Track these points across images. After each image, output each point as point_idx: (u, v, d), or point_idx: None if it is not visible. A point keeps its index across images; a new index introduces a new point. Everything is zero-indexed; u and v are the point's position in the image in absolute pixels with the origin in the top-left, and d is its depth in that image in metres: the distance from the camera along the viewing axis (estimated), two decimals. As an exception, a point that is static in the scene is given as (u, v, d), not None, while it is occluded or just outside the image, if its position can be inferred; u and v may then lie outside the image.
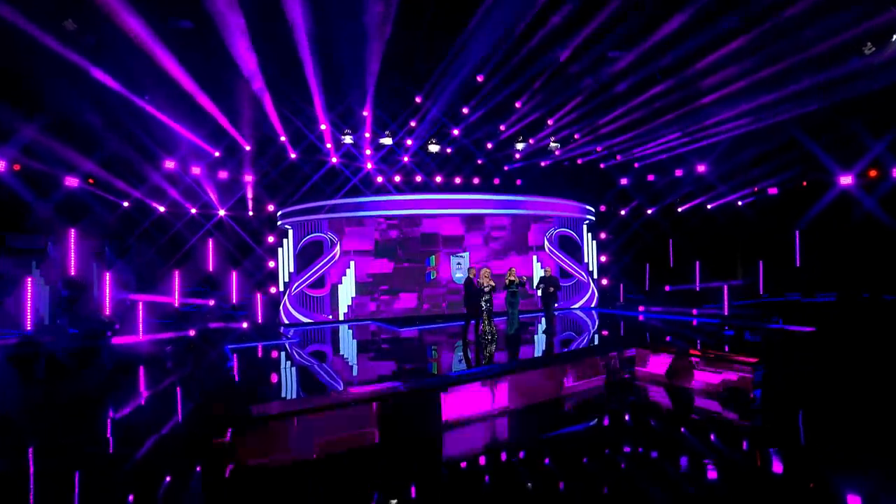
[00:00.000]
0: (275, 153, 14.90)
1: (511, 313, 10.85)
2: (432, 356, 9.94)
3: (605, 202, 17.85)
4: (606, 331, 12.05)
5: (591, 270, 17.22)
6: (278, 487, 5.37)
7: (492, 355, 9.09)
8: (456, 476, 5.79)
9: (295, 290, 14.90)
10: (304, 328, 13.99)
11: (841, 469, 5.59)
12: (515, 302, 10.88)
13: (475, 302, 9.83)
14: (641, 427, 7.24)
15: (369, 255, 15.41)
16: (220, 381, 7.80)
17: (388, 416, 6.68)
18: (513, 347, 9.92)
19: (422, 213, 15.42)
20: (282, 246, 15.12)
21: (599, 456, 6.10)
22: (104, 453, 5.87)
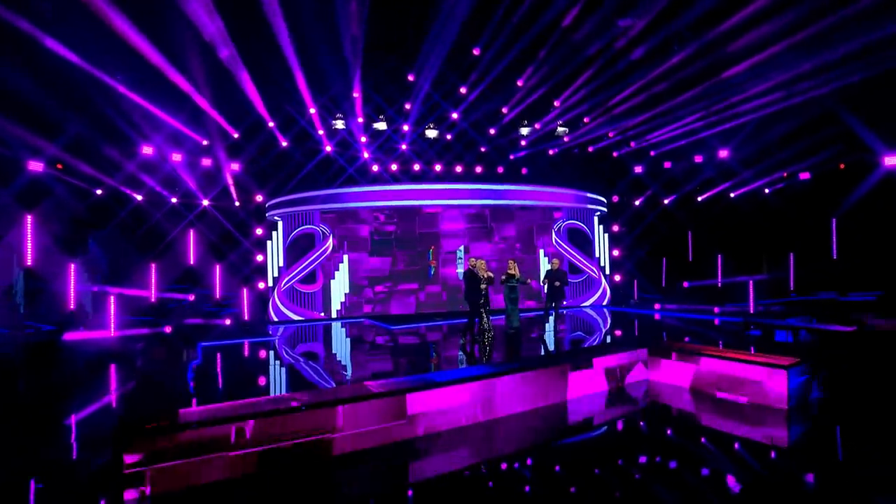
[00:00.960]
0: (264, 140, 14.12)
1: (511, 310, 10.09)
2: (413, 359, 9.14)
3: (617, 192, 16.86)
4: (616, 330, 11.29)
5: (602, 266, 16.27)
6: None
7: (489, 354, 8.27)
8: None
9: (285, 286, 14.19)
10: (294, 326, 13.31)
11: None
12: (515, 298, 10.14)
13: (477, 297, 9.10)
14: (647, 449, 5.95)
15: (364, 250, 14.73)
16: (160, 384, 6.77)
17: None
18: (508, 347, 9.10)
19: (420, 203, 14.67)
20: (271, 239, 14.38)
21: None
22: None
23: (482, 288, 9.29)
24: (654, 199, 16.46)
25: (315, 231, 14.44)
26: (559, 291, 10.46)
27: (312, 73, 11.40)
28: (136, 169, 11.69)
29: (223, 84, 11.47)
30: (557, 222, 15.64)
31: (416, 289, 15.03)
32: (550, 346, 9.23)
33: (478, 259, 9.66)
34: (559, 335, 10.38)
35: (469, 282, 9.36)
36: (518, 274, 10.25)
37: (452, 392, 6.63)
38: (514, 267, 10.24)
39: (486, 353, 8.48)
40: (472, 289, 9.32)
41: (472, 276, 9.46)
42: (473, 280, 9.33)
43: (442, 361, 8.52)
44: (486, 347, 8.84)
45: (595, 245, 16.13)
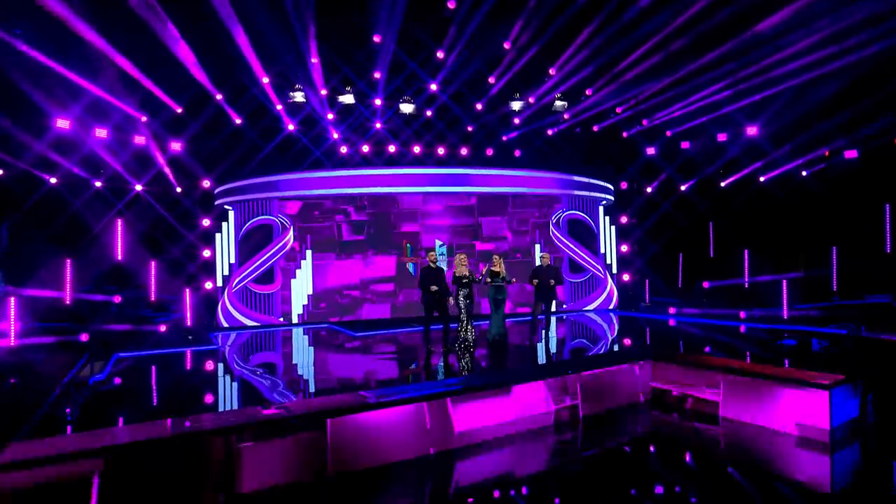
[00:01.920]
0: (211, 116, 13.14)
1: (495, 313, 9.24)
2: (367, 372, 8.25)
3: (626, 178, 15.94)
4: (622, 338, 10.53)
5: (608, 263, 15.43)
6: None
7: (469, 364, 7.61)
8: None
9: (236, 287, 13.36)
10: (247, 333, 12.57)
11: None
12: (501, 300, 9.31)
13: (434, 298, 8.47)
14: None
15: (330, 244, 13.94)
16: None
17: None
18: (491, 357, 8.25)
19: (396, 191, 13.84)
20: (220, 231, 13.52)
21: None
22: None
23: (464, 289, 8.55)
24: (670, 185, 15.54)
25: (273, 222, 13.68)
26: (551, 292, 9.67)
27: (256, 31, 10.29)
28: (48, 146, 10.65)
29: (155, 46, 10.39)
30: (556, 213, 14.81)
31: (392, 291, 14.18)
32: (536, 358, 8.49)
33: (457, 254, 9.04)
34: (550, 344, 9.63)
35: (425, 280, 8.57)
36: (504, 271, 9.39)
37: (388, 415, 5.53)
38: (500, 263, 9.43)
39: (463, 364, 7.73)
40: (422, 288, 8.58)
41: (424, 272, 8.66)
42: (426, 278, 8.53)
43: (389, 375, 7.71)
44: (463, 358, 8.11)
45: (600, 239, 15.34)
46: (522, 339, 10.09)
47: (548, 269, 9.82)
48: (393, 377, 7.91)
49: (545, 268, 9.81)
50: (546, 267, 9.83)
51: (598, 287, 15.17)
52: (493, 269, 9.49)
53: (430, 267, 8.87)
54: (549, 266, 9.88)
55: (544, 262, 9.82)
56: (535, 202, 14.71)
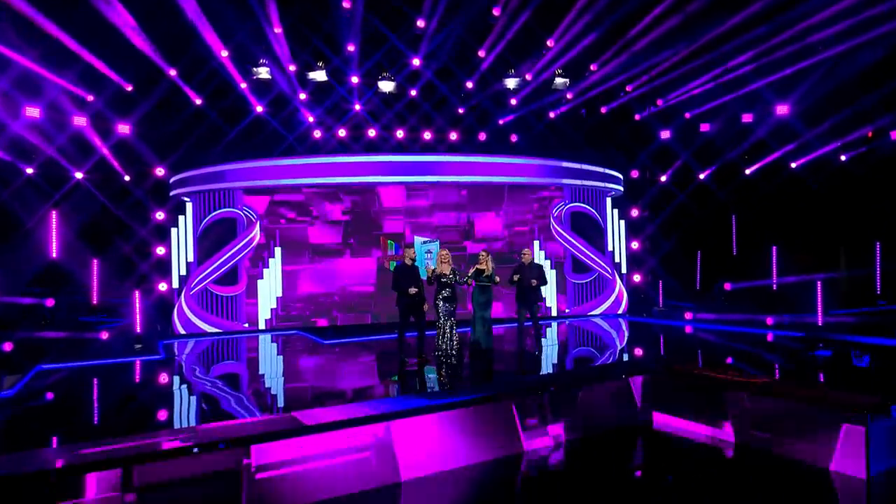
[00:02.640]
0: (167, 95, 12.53)
1: (481, 318, 8.65)
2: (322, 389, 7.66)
3: (638, 165, 15.32)
4: (626, 348, 10.19)
5: (617, 262, 14.79)
6: None
7: (443, 378, 7.22)
8: None
9: (195, 288, 12.81)
10: (207, 341, 12.09)
11: None
12: (487, 302, 8.70)
13: (413, 301, 8.08)
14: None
15: (302, 241, 13.45)
16: None
17: None
18: (468, 371, 7.81)
19: (377, 180, 13.24)
20: (176, 225, 12.97)
21: None
22: None
23: (445, 290, 8.18)
24: (687, 173, 14.93)
25: (237, 216, 13.11)
26: (533, 294, 9.03)
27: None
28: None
29: (94, 11, 9.65)
30: (557, 205, 14.21)
31: (372, 294, 13.56)
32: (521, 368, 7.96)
33: (442, 249, 8.64)
34: (537, 354, 9.11)
35: (396, 280, 8.10)
36: (491, 270, 8.71)
37: (325, 441, 4.67)
38: (487, 261, 8.74)
39: (434, 379, 7.30)
40: (397, 290, 8.11)
41: (399, 271, 8.18)
42: (402, 278, 8.06)
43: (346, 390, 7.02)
44: (437, 371, 7.71)
45: (608, 235, 14.71)
46: (510, 350, 9.64)
47: (530, 267, 9.11)
48: (344, 393, 7.23)
49: (527, 266, 9.14)
50: (528, 265, 9.11)
51: (605, 289, 14.57)
52: (479, 267, 8.78)
53: (406, 265, 8.33)
54: (532, 264, 9.17)
55: (526, 259, 9.17)
56: (534, 194, 14.18)
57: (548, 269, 13.66)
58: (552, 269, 13.90)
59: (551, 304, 14.07)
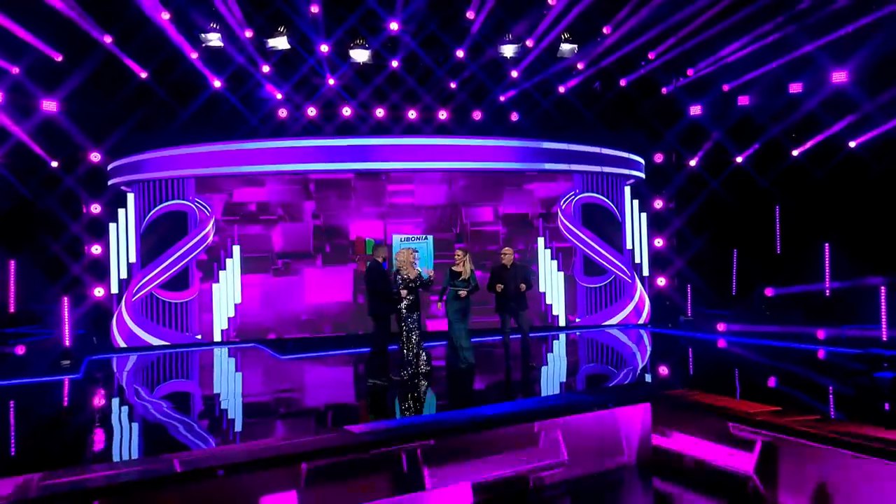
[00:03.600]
0: (104, 67, 11.90)
1: (458, 331, 8.40)
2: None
3: (662, 148, 14.60)
4: (642, 366, 9.85)
5: (637, 262, 14.23)
6: None
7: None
8: None
9: (138, 294, 12.39)
10: (149, 355, 11.84)
11: None
12: (464, 310, 8.44)
13: (385, 307, 7.91)
14: None
15: (264, 239, 13.08)
16: None
17: None
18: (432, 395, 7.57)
19: (352, 167, 12.82)
20: (115, 220, 12.57)
21: None
22: None
23: (407, 297, 7.92)
24: (721, 155, 14.24)
25: (188, 209, 12.67)
26: (518, 302, 8.52)
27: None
28: None
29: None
30: (566, 196, 13.65)
31: (347, 301, 13.13)
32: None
33: (406, 250, 8.16)
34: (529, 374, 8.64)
35: (372, 282, 7.87)
36: (469, 272, 8.33)
37: None
38: (465, 261, 8.38)
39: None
40: (375, 294, 7.90)
41: (376, 272, 7.87)
42: (379, 279, 7.84)
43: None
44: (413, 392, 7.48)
45: (626, 231, 14.12)
46: (492, 368, 9.20)
47: (514, 269, 8.55)
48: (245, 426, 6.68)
49: (510, 268, 8.52)
50: (512, 266, 8.55)
51: (623, 295, 13.91)
52: (455, 269, 8.34)
53: (378, 263, 8.00)
54: (515, 265, 8.61)
55: (506, 259, 8.57)
56: (539, 183, 13.69)
57: (554, 272, 13.26)
58: (560, 271, 13.36)
59: (558, 312, 13.45)
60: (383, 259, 8.08)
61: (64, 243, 12.21)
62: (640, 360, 10.55)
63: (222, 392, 8.89)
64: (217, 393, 8.68)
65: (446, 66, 13.34)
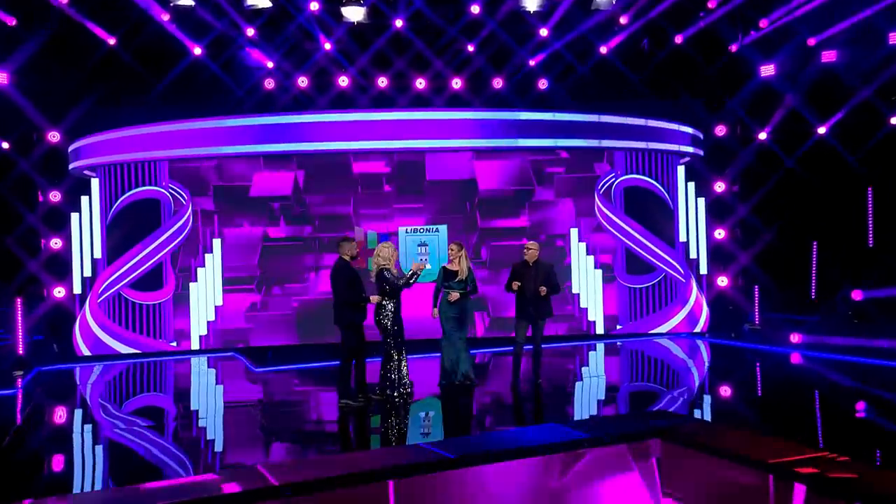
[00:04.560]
0: (64, 33, 11.82)
1: (456, 340, 8.10)
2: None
3: (726, 118, 13.88)
4: (691, 388, 9.38)
5: (693, 258, 13.61)
6: None
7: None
8: None
9: (105, 294, 12.37)
10: (116, 365, 11.84)
11: None
12: (462, 318, 8.14)
13: (354, 314, 7.62)
14: None
15: (251, 231, 13.04)
16: None
17: None
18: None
19: (350, 147, 12.59)
20: (77, 209, 12.55)
21: None
22: None
23: (386, 302, 7.63)
24: (799, 125, 13.46)
25: (162, 197, 12.59)
26: (540, 306, 8.19)
27: None
28: None
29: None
30: (606, 179, 13.13)
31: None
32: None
33: (383, 244, 8.03)
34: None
35: (343, 286, 7.56)
36: (466, 271, 8.06)
37: None
38: (461, 257, 8.12)
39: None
40: (343, 298, 7.54)
41: (343, 273, 7.56)
42: (346, 282, 7.53)
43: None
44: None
45: (679, 220, 13.52)
46: (497, 387, 9.02)
47: (537, 267, 8.22)
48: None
49: (532, 266, 8.21)
50: (535, 265, 8.23)
51: (675, 297, 13.32)
52: (449, 268, 8.00)
53: (345, 261, 7.63)
54: (539, 263, 8.28)
55: (530, 256, 8.26)
56: (571, 164, 13.23)
57: (590, 270, 12.75)
58: (596, 268, 12.83)
59: (594, 318, 12.86)
60: (352, 257, 7.62)
61: (18, 236, 12.28)
62: (691, 378, 10.02)
63: (160, 418, 8.55)
64: (152, 423, 8.12)
65: (459, 24, 12.81)
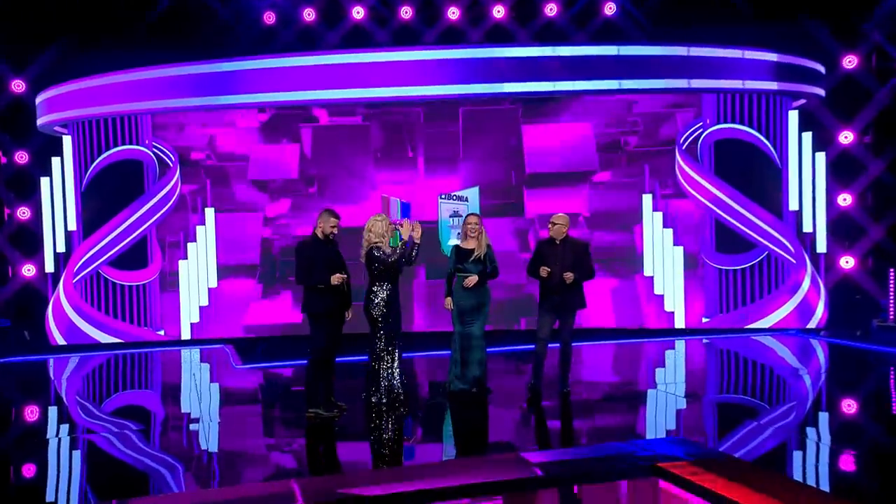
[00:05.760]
0: None
1: (471, 337, 7.76)
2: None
3: (858, 47, 12.78)
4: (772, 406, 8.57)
5: (808, 232, 12.76)
6: None
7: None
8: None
9: (81, 273, 12.44)
10: (93, 358, 11.93)
11: None
12: (479, 307, 7.77)
13: (327, 299, 7.39)
14: None
15: (248, 199, 12.98)
16: None
17: None
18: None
19: (370, 95, 12.16)
20: (48, 173, 12.61)
21: None
22: None
23: (379, 286, 7.41)
24: None
25: (145, 157, 12.56)
26: (569, 294, 7.80)
27: None
28: None
29: None
30: (690, 130, 12.38)
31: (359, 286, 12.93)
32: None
33: (378, 216, 7.71)
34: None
35: (308, 266, 7.31)
36: (484, 249, 7.69)
37: None
38: (479, 233, 7.71)
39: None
40: (298, 280, 7.51)
41: (309, 251, 7.34)
42: (311, 261, 7.31)
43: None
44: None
45: (789, 182, 12.63)
46: (507, 398, 8.50)
47: (565, 246, 7.72)
48: None
49: (560, 245, 7.75)
50: (563, 243, 7.73)
51: (782, 283, 12.45)
52: (464, 246, 7.62)
53: (319, 239, 7.37)
54: (568, 241, 7.79)
55: (556, 231, 7.78)
56: (646, 113, 12.67)
57: (667, 246, 12.09)
58: (677, 245, 12.14)
59: (673, 307, 12.20)
60: (330, 232, 7.21)
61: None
62: (799, 391, 9.00)
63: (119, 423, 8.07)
64: (82, 436, 7.75)
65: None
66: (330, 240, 7.19)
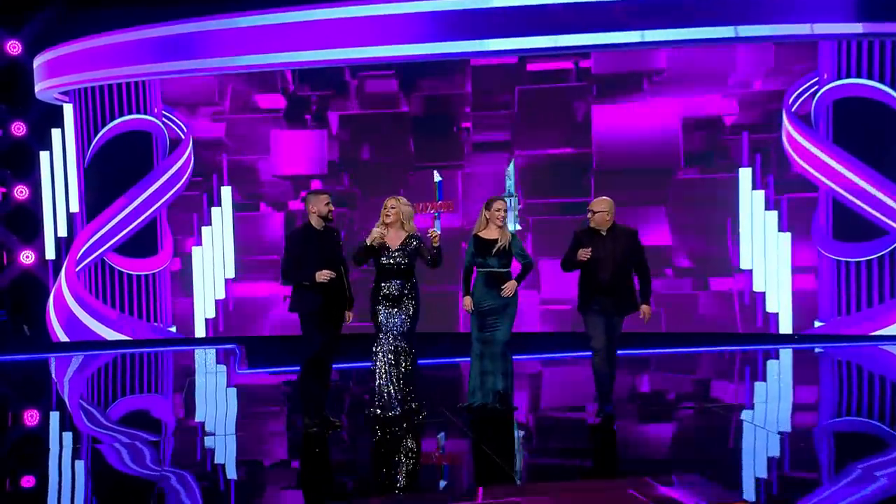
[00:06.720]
0: None
1: (494, 344, 7.41)
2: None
3: None
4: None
5: None
6: None
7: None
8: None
9: (85, 261, 12.57)
10: (96, 357, 11.99)
11: None
12: (506, 308, 7.38)
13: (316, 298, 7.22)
14: None
15: (272, 178, 12.95)
16: None
17: None
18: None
19: (408, 54, 12.04)
20: (48, 147, 12.70)
21: None
22: None
23: (387, 283, 7.36)
24: None
25: (154, 128, 12.58)
26: (615, 294, 7.30)
27: None
28: None
29: None
30: (800, 89, 11.53)
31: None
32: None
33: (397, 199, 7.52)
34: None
35: (296, 259, 7.22)
36: (509, 240, 7.35)
37: None
38: (504, 222, 7.42)
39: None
40: (299, 280, 7.36)
41: (299, 240, 7.24)
42: (299, 254, 7.20)
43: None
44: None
45: None
46: (555, 421, 8.32)
47: (613, 236, 7.12)
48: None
49: (606, 235, 7.16)
50: (610, 232, 7.14)
51: None
52: (483, 236, 7.17)
53: (312, 227, 7.22)
54: (616, 229, 7.17)
55: (599, 220, 7.16)
56: (742, 71, 11.96)
57: (771, 233, 11.38)
58: (782, 231, 11.34)
59: (777, 308, 11.44)
60: (328, 212, 6.97)
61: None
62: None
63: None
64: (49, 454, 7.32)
65: None
66: (328, 227, 6.93)
